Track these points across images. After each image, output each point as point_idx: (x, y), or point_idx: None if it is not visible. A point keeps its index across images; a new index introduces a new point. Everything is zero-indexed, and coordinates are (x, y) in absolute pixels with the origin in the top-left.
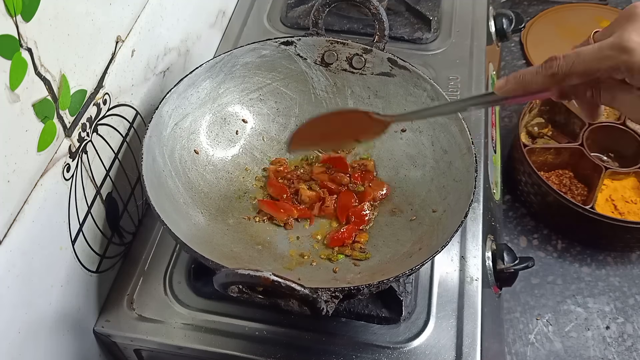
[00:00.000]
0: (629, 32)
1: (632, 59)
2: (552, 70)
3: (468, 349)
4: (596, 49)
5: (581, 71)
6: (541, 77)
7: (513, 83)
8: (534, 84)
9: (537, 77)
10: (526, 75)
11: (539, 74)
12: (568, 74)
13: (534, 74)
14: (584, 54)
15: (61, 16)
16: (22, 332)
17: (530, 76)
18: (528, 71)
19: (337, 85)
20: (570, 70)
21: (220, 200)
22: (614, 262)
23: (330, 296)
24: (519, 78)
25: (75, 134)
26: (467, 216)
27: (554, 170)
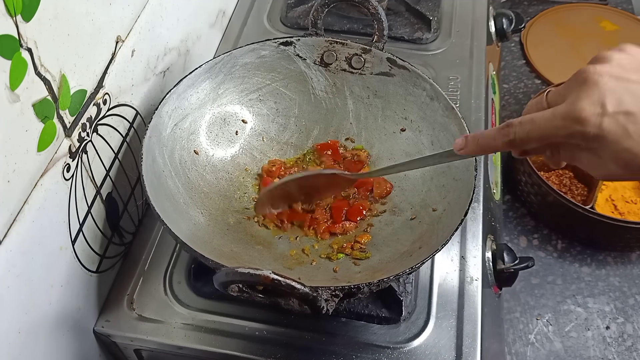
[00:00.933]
0: (581, 101)
1: (586, 129)
2: (509, 137)
3: (468, 349)
4: (550, 116)
5: (537, 137)
6: (499, 142)
7: (472, 145)
8: (491, 147)
9: (494, 142)
10: (484, 140)
11: (496, 139)
12: (525, 140)
13: (492, 139)
14: (538, 121)
15: (61, 16)
16: (22, 332)
17: (488, 140)
18: (486, 135)
19: (337, 86)
20: (526, 136)
21: (220, 201)
22: (614, 262)
23: (331, 295)
24: (477, 141)
25: (75, 134)
26: (467, 215)
27: (554, 170)
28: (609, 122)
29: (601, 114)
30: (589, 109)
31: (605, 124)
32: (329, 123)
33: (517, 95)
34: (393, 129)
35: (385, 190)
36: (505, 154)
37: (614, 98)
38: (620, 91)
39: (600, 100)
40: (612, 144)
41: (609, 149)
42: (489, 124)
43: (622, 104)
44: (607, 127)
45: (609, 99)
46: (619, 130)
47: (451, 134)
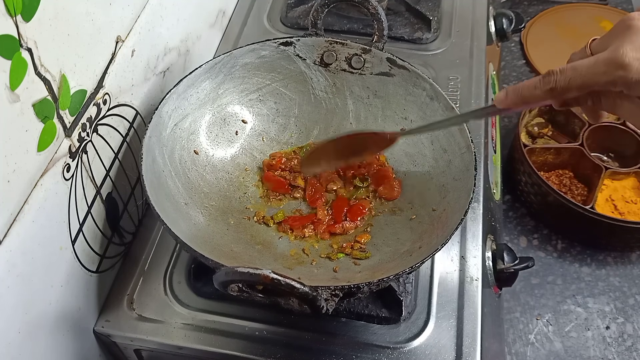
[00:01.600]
0: (625, 47)
1: (629, 75)
2: (550, 85)
3: (468, 349)
4: (592, 63)
5: (579, 85)
6: (540, 91)
7: (513, 97)
8: (533, 97)
9: (535, 91)
10: (525, 89)
11: (537, 88)
12: (566, 88)
13: (533, 89)
14: (580, 68)
15: (61, 16)
16: (22, 332)
17: (529, 90)
18: (527, 85)
19: (337, 86)
20: (568, 85)
21: (220, 201)
22: (614, 262)
23: (331, 294)
24: (518, 92)
25: (75, 134)
26: (466, 214)
27: (554, 170)
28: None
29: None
30: (632, 55)
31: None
32: (329, 123)
33: None
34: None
35: (393, 194)
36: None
37: None
38: None
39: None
40: None
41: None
42: (489, 124)
43: None
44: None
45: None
46: None
47: (451, 134)
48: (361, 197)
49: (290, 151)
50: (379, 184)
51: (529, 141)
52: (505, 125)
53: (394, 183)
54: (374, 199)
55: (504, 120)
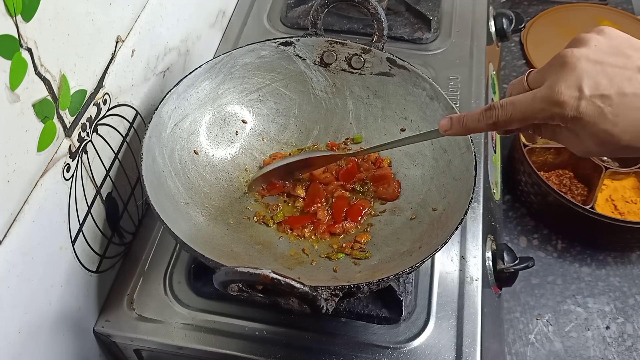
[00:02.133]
0: (559, 84)
1: (564, 112)
2: (493, 119)
3: (468, 349)
4: (530, 100)
5: (518, 119)
6: (483, 124)
7: (457, 126)
8: (476, 129)
9: (479, 124)
10: (469, 121)
11: (480, 121)
12: (507, 121)
13: (476, 121)
14: (519, 104)
15: (61, 16)
16: (22, 332)
17: (472, 123)
18: (470, 117)
19: (337, 86)
20: (509, 119)
21: (220, 201)
22: (614, 262)
23: (330, 294)
24: (462, 123)
25: (75, 134)
26: (467, 214)
27: (554, 170)
28: (586, 105)
29: (578, 97)
30: (566, 93)
31: (583, 107)
32: (329, 123)
33: None
34: (393, 129)
35: (392, 194)
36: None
37: (591, 81)
38: (597, 74)
39: (577, 84)
40: (589, 125)
41: (586, 130)
42: None
43: (598, 87)
44: (584, 110)
45: (586, 82)
46: (596, 113)
47: None
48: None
49: (295, 152)
50: (378, 185)
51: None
52: None
53: (394, 184)
54: (373, 199)
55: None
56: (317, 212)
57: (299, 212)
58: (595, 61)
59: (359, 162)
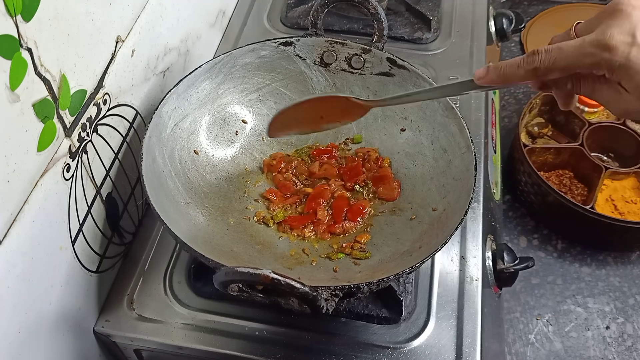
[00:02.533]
0: (611, 30)
1: (614, 57)
2: (534, 64)
3: (468, 349)
4: (578, 45)
5: (563, 66)
6: (523, 70)
7: (494, 74)
8: (515, 76)
9: (518, 70)
10: (508, 68)
11: (520, 67)
12: (550, 68)
13: (516, 67)
14: (566, 49)
15: (61, 16)
16: (22, 332)
17: (511, 69)
18: (509, 63)
19: (337, 86)
20: (552, 65)
21: (220, 201)
22: (614, 262)
23: (331, 294)
24: (500, 70)
25: (75, 133)
26: (467, 214)
27: (554, 170)
28: (637, 53)
29: (631, 43)
30: (618, 38)
31: (634, 54)
32: None
33: (517, 95)
34: (393, 129)
35: (392, 195)
36: (505, 154)
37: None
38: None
39: (631, 31)
40: (638, 74)
41: (633, 80)
42: (489, 123)
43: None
44: (635, 58)
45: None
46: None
47: (451, 134)
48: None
49: (294, 154)
50: (378, 185)
51: (529, 141)
52: (505, 125)
53: (394, 184)
54: (373, 199)
55: (504, 120)
56: (317, 211)
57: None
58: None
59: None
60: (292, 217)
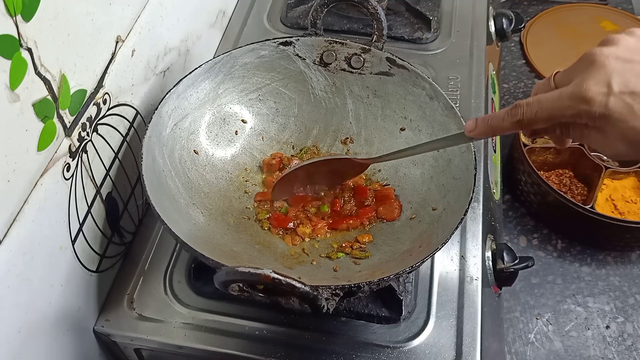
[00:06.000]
0: (587, 82)
1: (592, 109)
2: (517, 117)
3: (468, 349)
4: (557, 97)
5: (545, 118)
6: (508, 123)
7: (482, 127)
8: (501, 128)
9: (503, 122)
10: (494, 120)
11: (505, 120)
12: (533, 120)
13: (501, 120)
14: (545, 102)
15: (61, 16)
16: (22, 332)
17: (497, 122)
18: (495, 116)
19: (336, 85)
20: (534, 117)
21: (220, 200)
22: (614, 262)
23: (331, 294)
24: (487, 122)
25: (75, 133)
26: (467, 214)
27: (553, 169)
28: (615, 102)
29: (607, 93)
30: (595, 89)
31: (611, 104)
32: (329, 123)
33: (517, 95)
34: (393, 129)
35: (392, 215)
36: (505, 154)
37: (620, 79)
38: (626, 72)
39: (606, 81)
40: (618, 122)
41: (615, 128)
42: None
43: (628, 85)
44: (613, 107)
45: (615, 79)
46: (625, 110)
47: (450, 133)
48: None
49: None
50: (380, 204)
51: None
52: None
53: (395, 204)
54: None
55: None
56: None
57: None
58: (625, 59)
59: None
60: (275, 215)
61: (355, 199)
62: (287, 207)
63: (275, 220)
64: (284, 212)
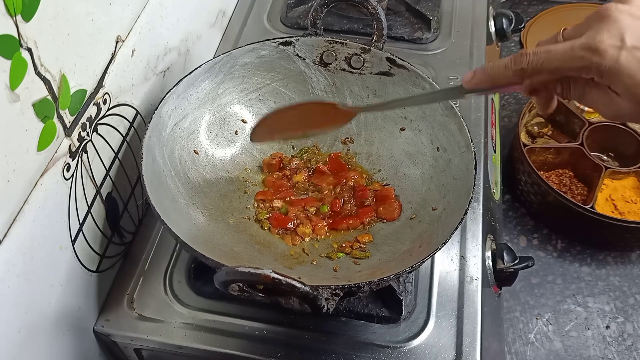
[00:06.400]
0: (601, 34)
1: (603, 61)
2: (522, 65)
3: (468, 349)
4: (568, 48)
5: (551, 69)
6: (510, 71)
7: (481, 76)
8: (502, 77)
9: (505, 71)
10: (494, 69)
11: (507, 68)
12: (538, 70)
13: (503, 68)
14: (554, 51)
15: (61, 16)
16: (22, 332)
17: (498, 70)
18: (497, 65)
19: (336, 85)
20: (540, 67)
21: (220, 200)
22: (614, 262)
23: (331, 294)
24: (487, 70)
25: (75, 133)
26: (466, 213)
27: (554, 169)
28: (627, 56)
29: (619, 47)
30: (607, 41)
31: (623, 57)
32: None
33: (517, 95)
34: (393, 129)
35: (392, 215)
36: (505, 154)
37: (633, 34)
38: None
39: (619, 34)
40: (627, 77)
41: (623, 83)
42: (488, 123)
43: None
44: (624, 61)
45: (628, 34)
46: (636, 65)
47: (450, 133)
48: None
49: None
50: (379, 204)
51: (529, 141)
52: (505, 124)
53: (395, 204)
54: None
55: (504, 119)
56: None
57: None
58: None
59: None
60: (275, 215)
61: (355, 199)
62: (287, 207)
63: (275, 220)
64: (284, 212)
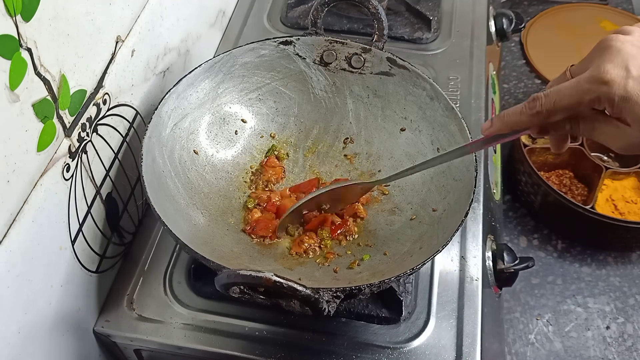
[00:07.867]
0: (605, 65)
1: (612, 90)
2: (536, 109)
3: (468, 349)
4: (574, 83)
5: (564, 107)
6: (526, 116)
7: (499, 123)
8: (519, 123)
9: (521, 117)
10: (510, 116)
11: (523, 113)
12: (552, 111)
13: (518, 114)
14: (564, 89)
15: (61, 16)
16: (22, 332)
17: (514, 116)
18: (512, 111)
19: (336, 85)
20: (553, 107)
21: (220, 201)
22: (614, 262)
23: (332, 296)
24: (503, 119)
25: (75, 133)
26: (467, 215)
27: (554, 170)
28: (634, 85)
29: (625, 76)
30: (613, 72)
31: (631, 86)
32: (329, 122)
33: (517, 95)
34: (393, 129)
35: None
36: (505, 154)
37: (637, 63)
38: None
39: (623, 64)
40: (637, 106)
41: (633, 112)
42: None
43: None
44: (632, 90)
45: (632, 63)
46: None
47: (451, 134)
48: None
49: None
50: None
51: (529, 141)
52: None
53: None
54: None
55: None
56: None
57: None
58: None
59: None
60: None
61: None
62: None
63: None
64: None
